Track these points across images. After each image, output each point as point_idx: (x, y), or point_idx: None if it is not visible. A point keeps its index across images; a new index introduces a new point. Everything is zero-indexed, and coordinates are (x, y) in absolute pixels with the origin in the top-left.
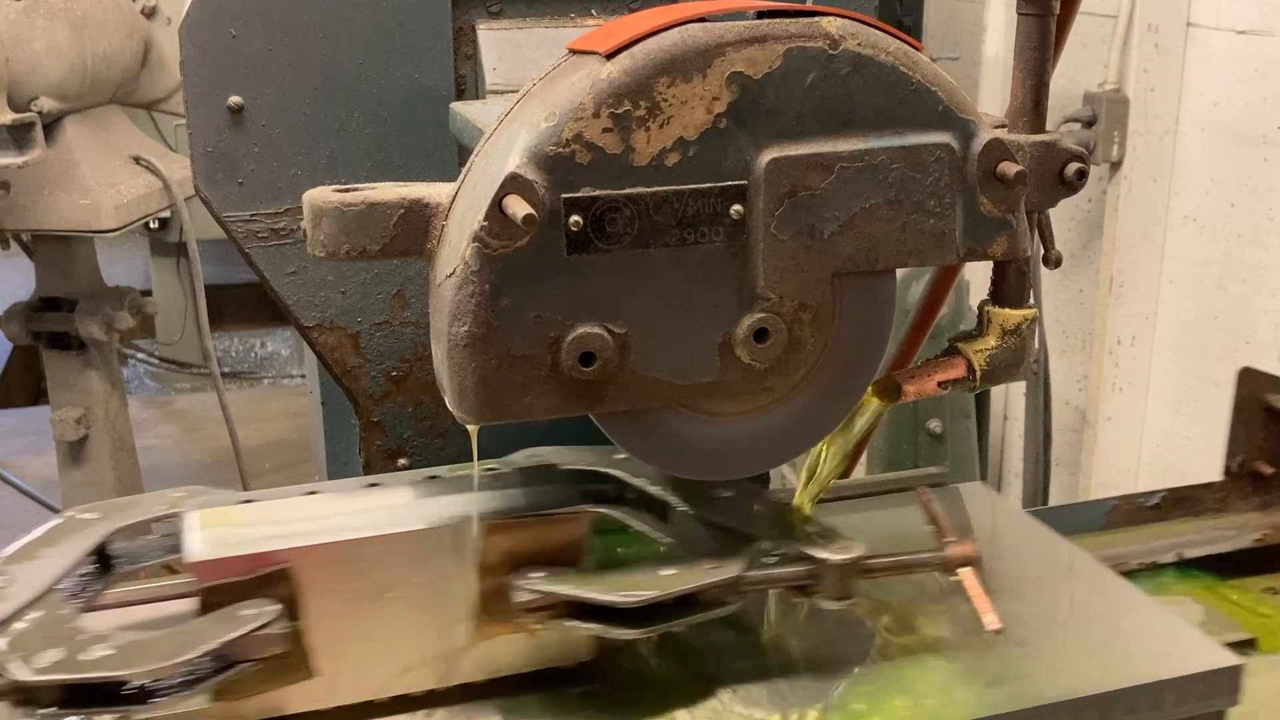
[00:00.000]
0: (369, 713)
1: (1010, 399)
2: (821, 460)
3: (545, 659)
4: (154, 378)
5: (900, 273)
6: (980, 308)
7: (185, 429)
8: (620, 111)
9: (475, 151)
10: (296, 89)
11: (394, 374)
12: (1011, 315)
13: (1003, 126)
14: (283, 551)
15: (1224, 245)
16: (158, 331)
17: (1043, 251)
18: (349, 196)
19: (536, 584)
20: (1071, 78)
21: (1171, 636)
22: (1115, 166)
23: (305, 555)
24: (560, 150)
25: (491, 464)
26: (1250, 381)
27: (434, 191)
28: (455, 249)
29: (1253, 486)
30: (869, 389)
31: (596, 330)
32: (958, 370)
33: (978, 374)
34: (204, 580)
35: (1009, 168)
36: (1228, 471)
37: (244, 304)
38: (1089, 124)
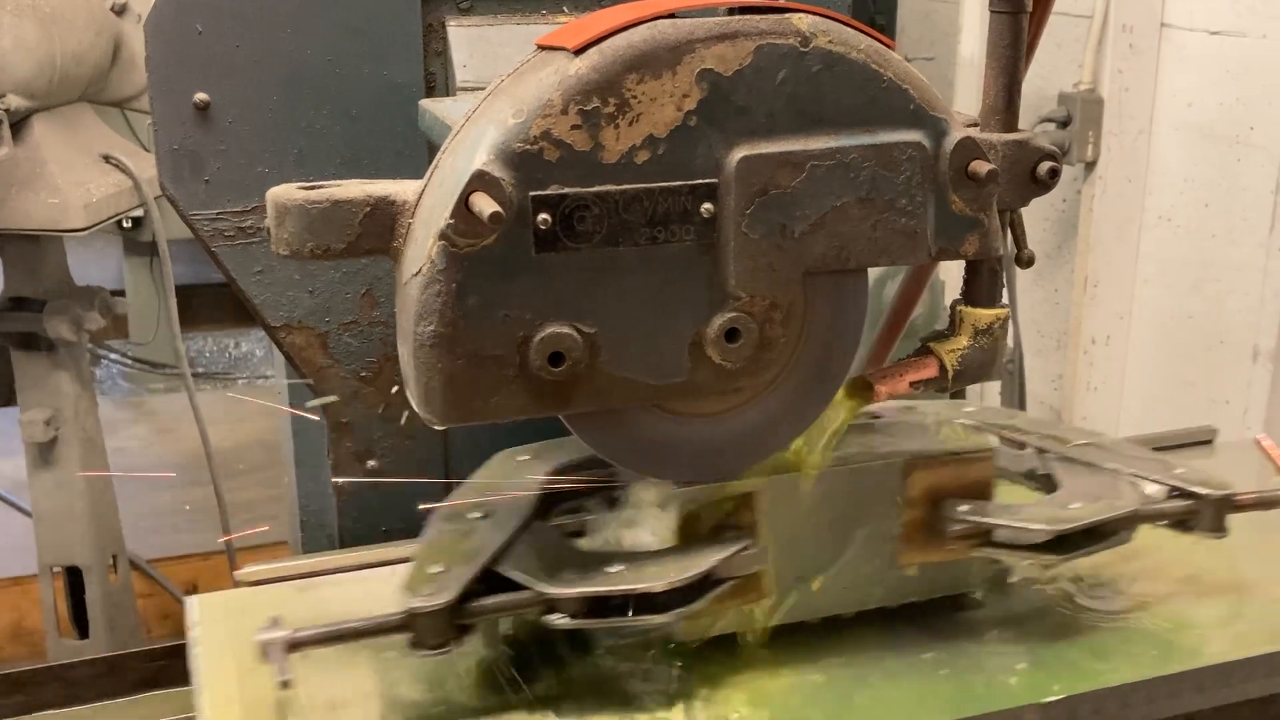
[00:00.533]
0: (803, 631)
1: (985, 399)
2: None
3: (961, 583)
4: (127, 378)
5: (873, 273)
6: (952, 307)
7: (158, 430)
8: (589, 108)
9: (442, 148)
10: (263, 85)
11: (363, 374)
12: (984, 315)
13: (975, 125)
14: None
15: (1198, 245)
16: (131, 332)
17: (1015, 251)
18: (313, 194)
19: (968, 514)
20: (1046, 78)
21: None
22: (1090, 166)
23: (766, 484)
24: (528, 147)
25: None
26: None
27: (400, 189)
28: (421, 247)
29: None
30: (841, 389)
31: (566, 330)
32: (930, 370)
33: (950, 374)
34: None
35: (981, 166)
36: None
37: (218, 304)
38: (1064, 124)
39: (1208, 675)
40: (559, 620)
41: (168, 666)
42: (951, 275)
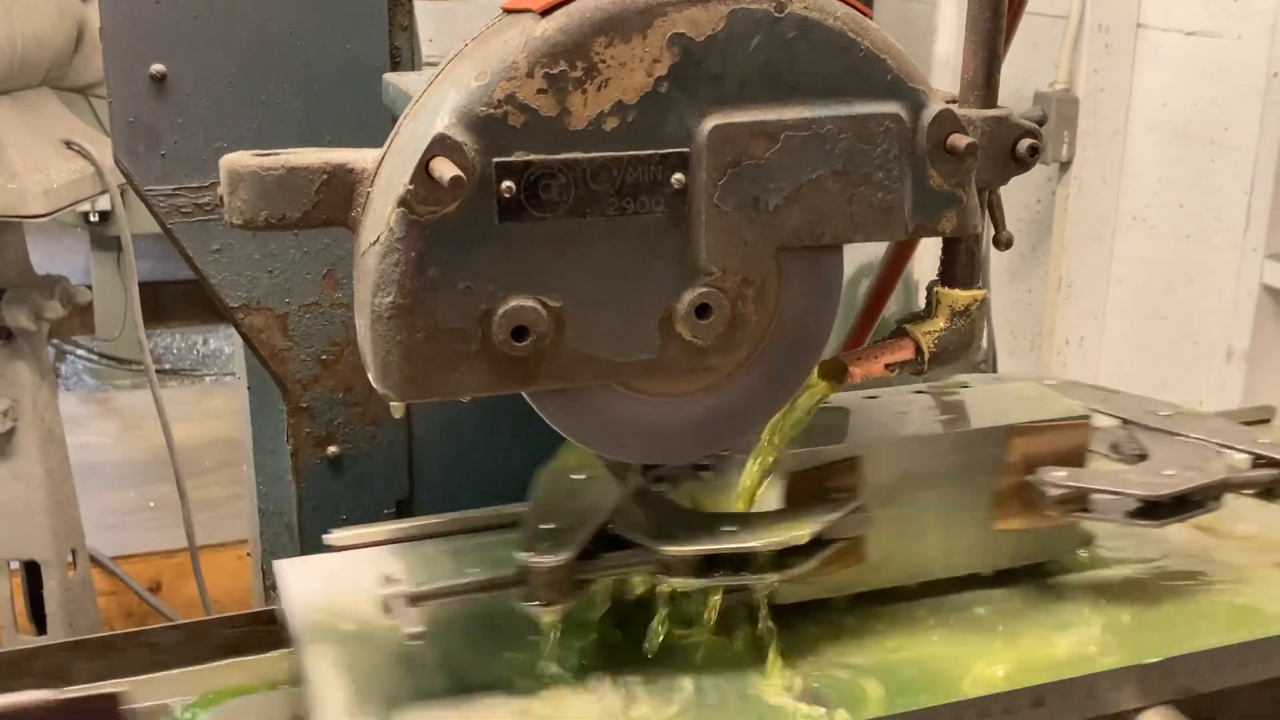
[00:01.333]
0: (900, 596)
1: None
2: (764, 445)
3: (1052, 550)
4: (93, 374)
5: (848, 269)
6: (929, 289)
7: (124, 426)
8: (555, 72)
9: (403, 114)
10: (222, 57)
11: (324, 358)
12: (961, 296)
13: (954, 102)
14: (857, 447)
15: (1172, 246)
16: (97, 328)
17: (993, 232)
18: (268, 161)
19: (1066, 479)
20: (1022, 78)
21: None
22: (1065, 166)
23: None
24: (491, 111)
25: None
26: None
27: (359, 157)
28: (380, 216)
29: None
30: (815, 371)
31: (530, 303)
32: (905, 352)
33: (926, 356)
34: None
35: (960, 140)
36: None
37: (186, 301)
38: (1039, 124)
39: None
40: (674, 581)
41: (250, 633)
42: (926, 268)
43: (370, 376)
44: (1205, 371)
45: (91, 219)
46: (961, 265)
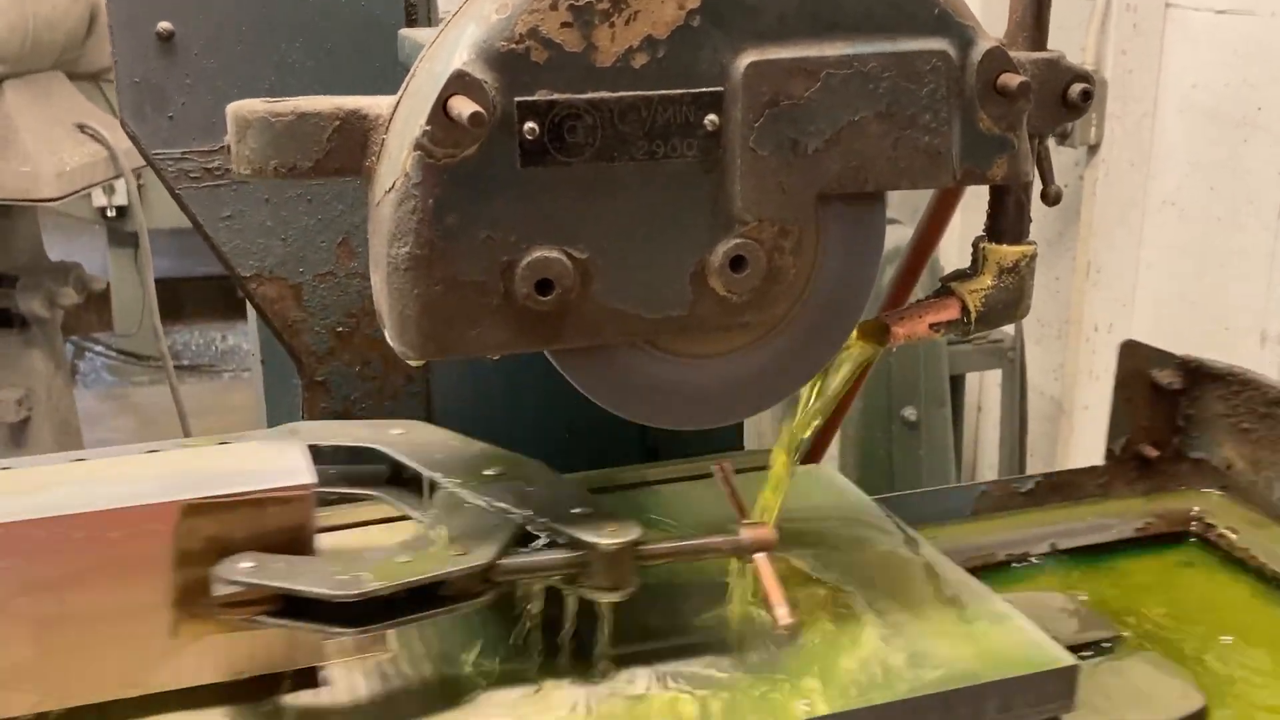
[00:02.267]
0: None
1: (985, 388)
2: (800, 410)
3: (265, 664)
4: (111, 370)
5: None
6: (975, 244)
7: (142, 422)
8: (581, 4)
9: (420, 56)
10: (232, 14)
11: (340, 330)
12: (1010, 252)
13: (1002, 44)
14: None
15: (1202, 229)
16: (115, 324)
17: (1041, 187)
18: (278, 106)
19: (239, 574)
20: None
21: (1004, 634)
22: (1093, 150)
23: None
24: (513, 46)
25: (230, 437)
26: (1134, 356)
27: (373, 103)
28: (395, 161)
29: (1137, 471)
30: (855, 331)
31: (555, 254)
32: (951, 312)
33: (973, 315)
34: None
35: (1011, 79)
36: (1110, 454)
37: (205, 297)
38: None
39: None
40: None
41: None
42: (951, 255)
43: (386, 334)
44: (1239, 357)
45: (108, 214)
46: (1010, 218)
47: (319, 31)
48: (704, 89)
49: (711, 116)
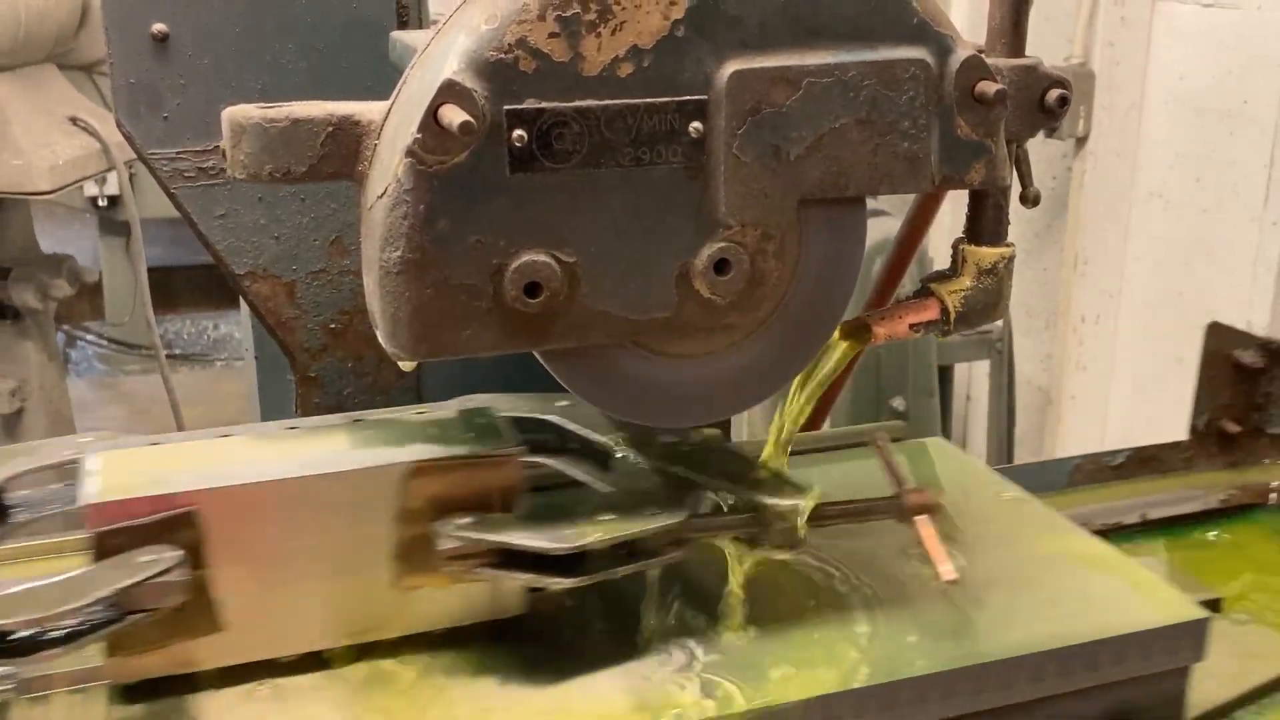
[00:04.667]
0: (282, 669)
1: (973, 379)
2: (785, 408)
3: (472, 613)
4: (102, 360)
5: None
6: (955, 246)
7: (134, 411)
8: (568, 14)
9: (411, 64)
10: (225, 16)
11: (332, 326)
12: (988, 254)
13: (980, 51)
14: (187, 494)
15: (1189, 221)
16: (106, 313)
17: (1020, 189)
18: (272, 113)
19: (461, 530)
20: (1037, 51)
21: (1136, 590)
22: (1080, 142)
23: (212, 498)
24: (502, 56)
25: (423, 408)
26: (1218, 337)
27: (365, 109)
28: (387, 167)
29: (1219, 446)
30: (836, 330)
31: (543, 258)
32: (930, 312)
33: (952, 315)
34: (101, 524)
35: (988, 87)
36: (1194, 430)
37: (196, 286)
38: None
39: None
40: None
41: None
42: (943, 253)
43: (379, 335)
44: None
45: (100, 204)
46: (988, 221)
47: (311, 32)
48: (688, 97)
49: (696, 124)
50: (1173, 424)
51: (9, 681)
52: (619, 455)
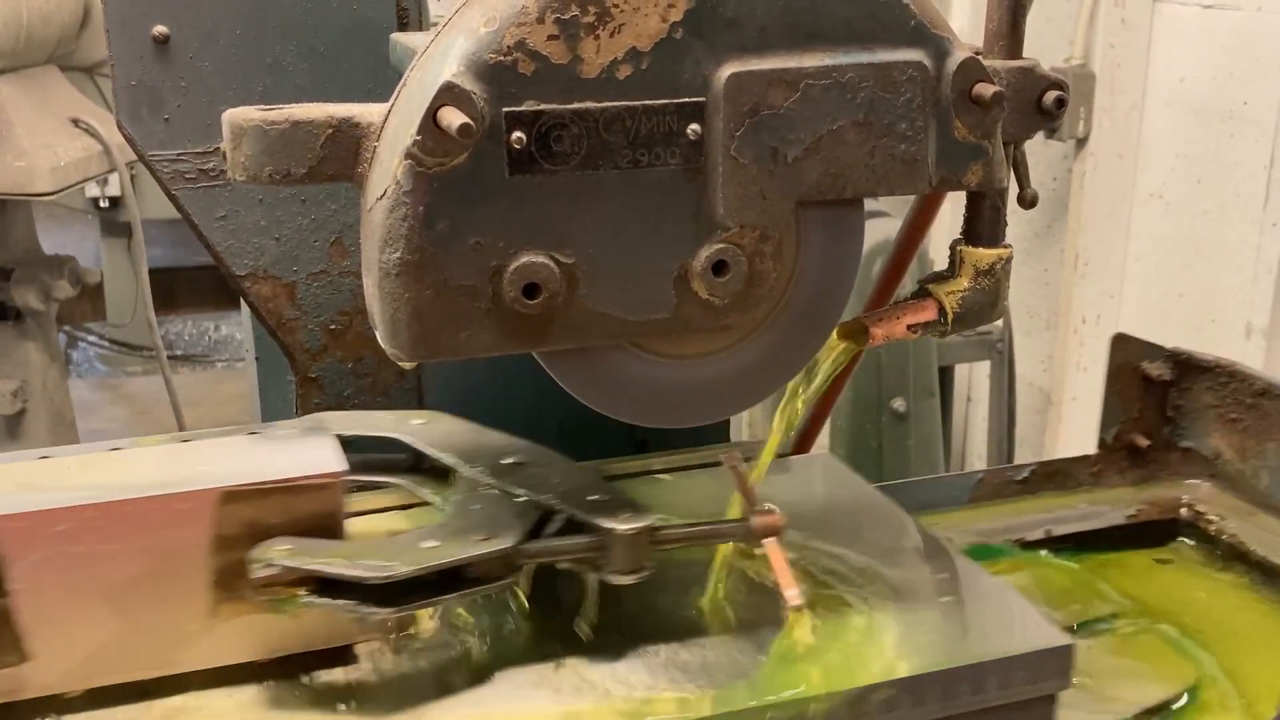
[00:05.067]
0: (83, 703)
1: (974, 380)
2: (784, 409)
3: (296, 643)
4: (104, 361)
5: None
6: (952, 247)
7: (135, 412)
8: (567, 17)
9: (410, 66)
10: (226, 18)
11: (333, 327)
12: (985, 255)
13: (978, 53)
14: None
15: (1190, 222)
16: (108, 314)
17: (1018, 190)
18: (272, 115)
19: (276, 556)
20: (1037, 53)
21: (1005, 614)
22: (1081, 143)
23: (11, 523)
24: (501, 59)
25: (256, 429)
26: (1125, 349)
27: (365, 111)
28: (387, 169)
29: (1129, 460)
30: (834, 331)
31: (542, 260)
32: (928, 313)
33: (949, 316)
34: None
35: (985, 89)
36: (1102, 444)
37: (198, 287)
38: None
39: None
40: None
41: None
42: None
43: (378, 336)
44: (1224, 349)
45: (102, 205)
46: (986, 222)
47: (312, 34)
48: (687, 99)
49: (694, 126)
50: None
51: None
52: (466, 476)
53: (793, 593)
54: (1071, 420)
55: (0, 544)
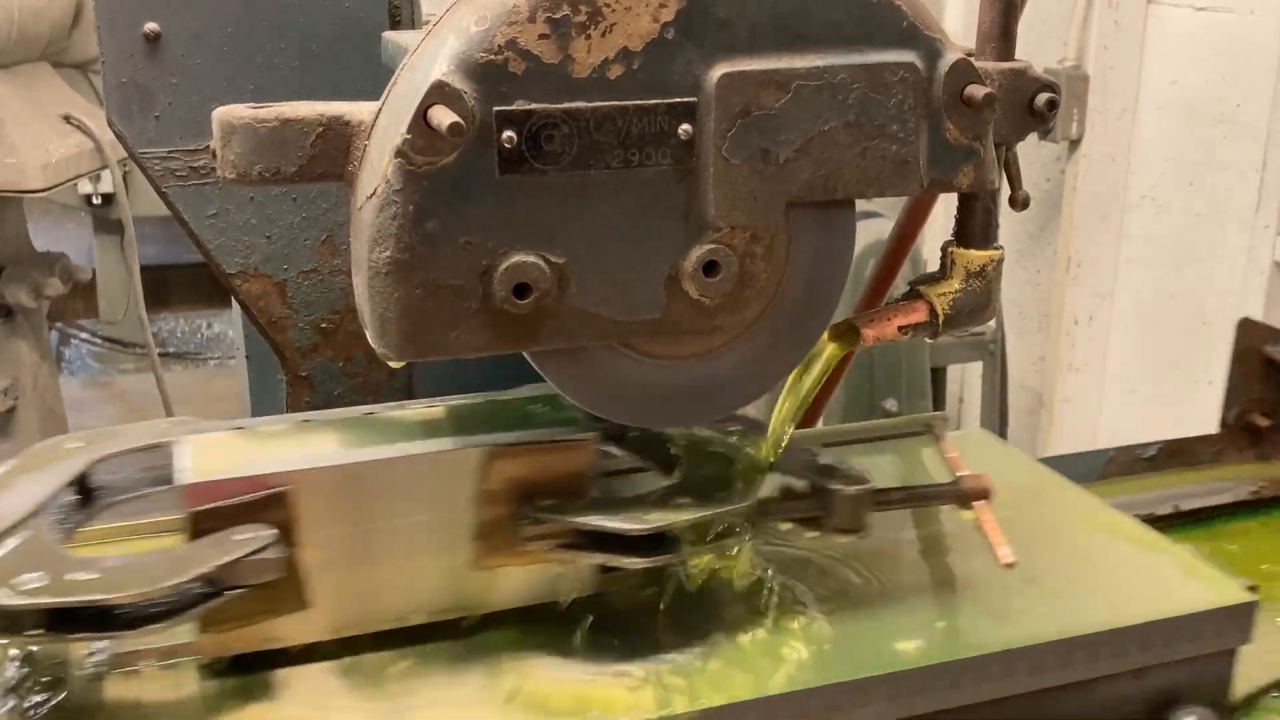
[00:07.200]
0: (363, 646)
1: (966, 380)
2: (776, 409)
3: (546, 592)
4: (96, 358)
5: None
6: (944, 248)
7: (127, 409)
8: (558, 16)
9: (401, 65)
10: (217, 16)
11: (323, 326)
12: (976, 256)
13: (970, 55)
14: (280, 474)
15: (1182, 224)
16: (100, 311)
17: (1010, 192)
18: (262, 113)
19: (542, 512)
20: (1030, 54)
21: (1184, 574)
22: (1074, 145)
23: (303, 478)
24: (492, 58)
25: (498, 396)
26: (1249, 333)
27: (355, 110)
28: (377, 168)
29: (1249, 439)
30: (825, 333)
31: (532, 259)
32: (919, 314)
33: (940, 318)
34: (196, 504)
35: (977, 90)
36: (1224, 424)
37: (190, 284)
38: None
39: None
40: None
41: None
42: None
43: (368, 335)
44: (1215, 350)
45: (94, 202)
46: (977, 224)
47: (303, 33)
48: (678, 100)
49: (685, 126)
50: (1164, 425)
51: (101, 654)
52: (681, 444)
53: (1005, 551)
54: (1064, 421)
55: (291, 497)
